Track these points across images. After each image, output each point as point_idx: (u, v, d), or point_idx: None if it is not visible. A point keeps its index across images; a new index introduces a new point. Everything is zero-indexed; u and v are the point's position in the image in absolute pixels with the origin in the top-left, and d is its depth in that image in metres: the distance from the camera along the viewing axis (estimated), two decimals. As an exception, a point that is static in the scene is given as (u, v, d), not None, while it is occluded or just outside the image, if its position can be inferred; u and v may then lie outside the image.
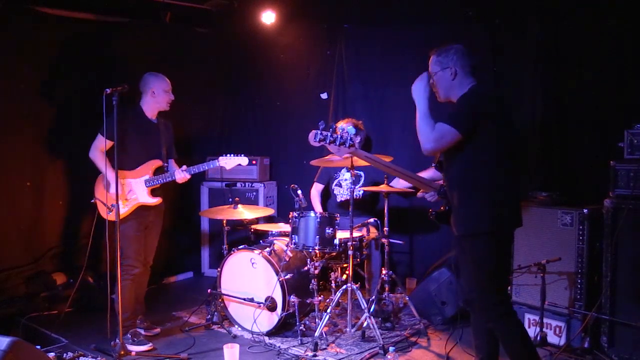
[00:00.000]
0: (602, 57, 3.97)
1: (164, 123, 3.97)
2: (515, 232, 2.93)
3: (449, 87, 2.80)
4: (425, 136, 2.68)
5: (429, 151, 2.69)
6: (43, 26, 4.51)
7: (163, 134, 3.90)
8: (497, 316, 2.71)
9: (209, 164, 3.84)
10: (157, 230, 3.98)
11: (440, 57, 2.80)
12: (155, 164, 3.83)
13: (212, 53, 5.77)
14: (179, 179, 3.77)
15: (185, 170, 3.77)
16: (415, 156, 4.92)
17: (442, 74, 2.79)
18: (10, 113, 4.35)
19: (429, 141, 2.67)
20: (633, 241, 3.31)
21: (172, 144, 4.02)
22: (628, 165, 3.34)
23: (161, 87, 3.82)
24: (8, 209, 4.38)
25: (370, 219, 4.27)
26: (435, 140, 2.65)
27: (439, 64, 2.79)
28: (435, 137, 2.65)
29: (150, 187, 3.76)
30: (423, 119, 2.73)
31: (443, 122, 2.65)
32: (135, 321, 3.83)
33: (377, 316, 3.97)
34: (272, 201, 5.71)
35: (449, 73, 2.77)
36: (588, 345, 3.49)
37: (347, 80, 5.28)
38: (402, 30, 4.98)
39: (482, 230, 2.68)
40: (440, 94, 2.85)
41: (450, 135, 2.63)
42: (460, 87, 2.76)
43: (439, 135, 2.64)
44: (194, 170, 3.79)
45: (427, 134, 2.68)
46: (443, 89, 2.82)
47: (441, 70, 2.79)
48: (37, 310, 4.21)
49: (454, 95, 2.79)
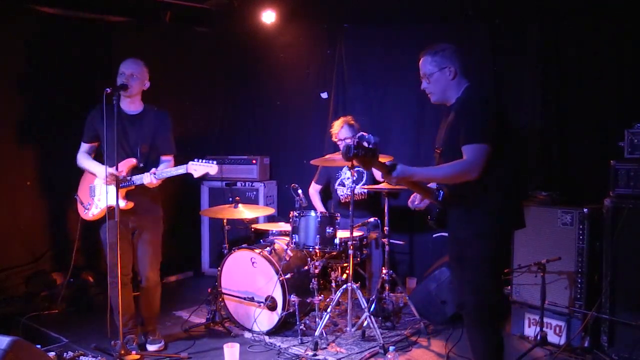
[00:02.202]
0: (602, 57, 3.97)
1: (155, 114, 3.56)
2: (516, 232, 2.93)
3: (447, 87, 2.69)
4: (463, 173, 2.49)
5: (478, 175, 2.47)
6: (43, 26, 4.52)
7: (147, 127, 3.50)
8: (489, 318, 2.65)
9: (178, 169, 3.35)
10: (147, 239, 3.57)
11: (436, 57, 2.69)
12: (130, 163, 3.44)
13: (212, 53, 5.78)
14: (147, 182, 3.36)
15: (153, 173, 3.35)
16: (414, 156, 4.94)
17: (440, 75, 2.68)
18: (10, 113, 4.35)
19: (470, 173, 2.47)
20: (633, 241, 3.31)
21: (166, 138, 3.59)
22: (628, 165, 3.34)
23: (118, 73, 3.44)
24: (8, 209, 4.38)
25: (370, 219, 4.28)
26: (475, 168, 2.46)
27: (436, 64, 2.68)
28: (472, 166, 2.47)
29: (122, 188, 3.37)
30: (443, 171, 2.54)
31: (467, 144, 2.49)
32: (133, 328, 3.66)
33: (377, 315, 3.97)
34: (272, 200, 5.71)
35: (447, 73, 2.67)
36: (588, 345, 3.49)
37: (347, 80, 5.28)
38: (402, 30, 4.98)
39: (485, 232, 2.60)
40: (436, 96, 2.74)
41: (483, 155, 2.47)
42: (457, 87, 2.68)
43: (474, 160, 2.46)
44: (163, 175, 3.36)
45: (462, 171, 2.49)
46: (440, 90, 2.71)
47: (439, 71, 2.68)
48: (37, 310, 4.21)
49: (451, 96, 2.70)
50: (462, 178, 2.50)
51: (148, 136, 3.50)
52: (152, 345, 3.65)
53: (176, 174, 3.35)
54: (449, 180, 2.56)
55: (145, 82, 3.53)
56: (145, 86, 3.54)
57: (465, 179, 2.49)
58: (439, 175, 2.58)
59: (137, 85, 3.45)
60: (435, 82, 2.71)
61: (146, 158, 3.51)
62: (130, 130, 3.49)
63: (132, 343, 3.56)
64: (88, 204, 3.55)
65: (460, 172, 2.49)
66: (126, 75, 3.42)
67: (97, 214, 3.51)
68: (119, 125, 3.38)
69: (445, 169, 2.54)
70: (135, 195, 3.46)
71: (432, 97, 2.76)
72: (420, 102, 4.78)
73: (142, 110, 3.57)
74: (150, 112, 3.56)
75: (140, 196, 3.49)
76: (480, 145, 2.48)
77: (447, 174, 2.53)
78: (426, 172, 2.59)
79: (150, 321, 3.75)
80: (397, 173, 2.45)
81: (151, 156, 3.55)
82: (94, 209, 3.52)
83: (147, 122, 3.52)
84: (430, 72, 2.70)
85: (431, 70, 2.70)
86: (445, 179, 2.57)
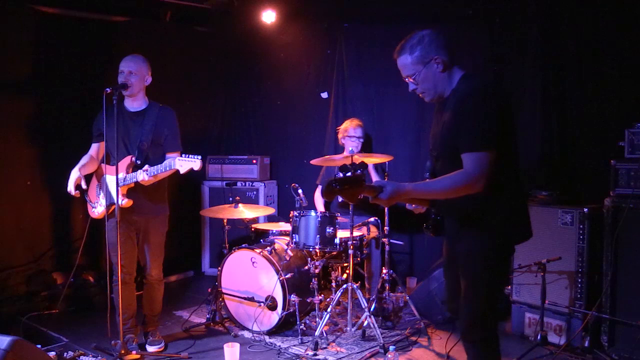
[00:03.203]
0: (602, 56, 3.97)
1: (158, 110, 3.51)
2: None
3: (439, 81, 2.34)
4: (465, 187, 2.19)
5: (482, 187, 2.18)
6: (43, 25, 4.52)
7: (148, 123, 3.45)
8: (485, 332, 2.39)
9: (167, 165, 3.25)
10: (151, 237, 3.57)
11: (415, 52, 2.31)
12: (127, 161, 3.41)
13: (212, 53, 5.78)
14: (140, 180, 3.30)
15: (145, 171, 3.28)
16: (414, 155, 4.94)
17: (426, 71, 2.32)
18: (10, 112, 4.35)
19: (473, 187, 2.17)
20: (633, 240, 3.31)
21: (170, 135, 3.52)
22: (628, 165, 3.34)
23: (119, 72, 3.42)
24: (8, 209, 4.38)
25: (370, 218, 4.28)
26: (478, 181, 2.16)
27: (419, 60, 2.32)
28: (474, 179, 2.16)
29: (121, 186, 3.33)
30: (442, 185, 2.22)
31: (467, 152, 2.19)
32: (133, 327, 3.67)
33: (377, 315, 3.97)
34: (272, 200, 5.71)
35: (434, 66, 2.31)
36: (588, 345, 3.49)
37: (347, 80, 5.28)
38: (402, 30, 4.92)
39: (490, 247, 2.32)
40: (430, 94, 2.40)
41: (487, 164, 2.16)
42: (450, 78, 2.34)
43: (477, 172, 2.16)
44: (154, 172, 3.28)
45: (463, 184, 2.18)
46: (432, 87, 2.36)
47: (425, 67, 2.31)
48: (38, 309, 4.21)
49: (445, 90, 2.36)
50: (464, 192, 2.20)
51: (149, 133, 3.45)
52: (152, 346, 3.65)
53: (166, 171, 3.28)
54: (449, 195, 2.25)
55: (147, 78, 3.50)
56: (147, 82, 3.51)
57: (467, 192, 2.20)
58: (437, 189, 2.24)
59: (137, 82, 3.43)
60: (423, 80, 2.35)
61: (146, 155, 3.46)
62: (132, 127, 3.47)
63: (132, 342, 3.56)
64: (95, 203, 3.57)
65: (462, 186, 2.19)
66: (125, 74, 3.41)
67: (101, 213, 3.53)
68: (121, 123, 3.39)
69: (444, 183, 2.22)
70: (141, 193, 3.44)
71: (426, 97, 2.42)
72: (421, 101, 4.68)
73: (146, 106, 3.53)
74: (153, 109, 3.52)
75: (147, 195, 3.47)
76: (483, 154, 2.16)
77: (447, 188, 2.21)
78: (422, 188, 2.27)
79: (151, 320, 3.76)
80: (386, 194, 2.15)
81: (156, 153, 3.49)
82: (99, 207, 3.54)
83: (148, 119, 3.47)
84: (415, 71, 2.34)
85: (416, 70, 2.34)
86: (445, 194, 2.25)
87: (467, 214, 2.33)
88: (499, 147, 2.19)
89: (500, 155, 2.19)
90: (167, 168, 3.25)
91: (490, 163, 2.17)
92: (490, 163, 2.17)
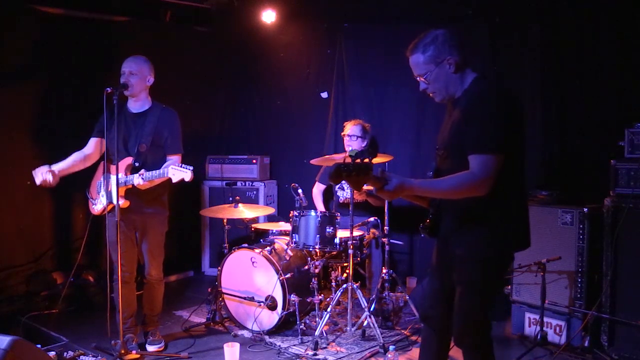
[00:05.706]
0: (602, 56, 3.97)
1: (160, 111, 3.50)
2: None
3: (450, 82, 2.30)
4: (470, 189, 2.14)
5: (487, 190, 2.13)
6: (43, 25, 4.52)
7: (149, 125, 3.43)
8: (478, 338, 2.36)
9: (161, 172, 3.24)
10: (150, 237, 3.57)
11: (428, 51, 2.28)
12: (127, 162, 3.42)
13: (212, 53, 5.78)
14: (136, 184, 3.29)
15: (140, 175, 3.27)
16: (415, 156, 4.94)
17: (438, 71, 2.28)
18: (10, 112, 4.35)
19: (478, 190, 2.13)
20: (633, 240, 3.31)
21: (171, 137, 3.50)
22: (628, 164, 3.34)
23: (120, 72, 3.43)
24: (8, 209, 4.38)
25: (370, 218, 4.28)
26: (484, 184, 2.12)
27: (431, 59, 2.28)
28: (480, 182, 2.12)
29: (121, 187, 3.32)
30: (447, 185, 2.17)
31: (474, 153, 2.14)
32: (133, 327, 3.66)
33: (377, 315, 3.97)
34: (272, 200, 5.71)
35: (447, 66, 2.27)
36: (588, 344, 3.50)
37: (347, 80, 5.28)
38: (402, 30, 4.97)
39: (489, 256, 2.27)
40: (441, 94, 2.35)
41: (494, 167, 2.12)
42: (462, 79, 2.31)
43: (483, 175, 2.11)
44: (149, 177, 3.26)
45: (469, 186, 2.14)
46: (443, 87, 2.32)
47: (437, 67, 2.28)
48: (38, 309, 4.21)
49: (457, 90, 2.32)
50: (468, 193, 2.16)
51: (149, 134, 3.43)
52: (151, 345, 3.65)
53: (160, 177, 3.25)
54: (453, 195, 2.21)
55: (148, 79, 3.48)
56: (149, 82, 3.49)
57: (471, 194, 2.15)
58: (442, 188, 2.20)
59: (137, 82, 3.42)
60: (435, 80, 2.31)
61: (145, 157, 3.44)
62: (133, 128, 3.47)
63: (131, 342, 3.56)
64: (95, 200, 3.58)
65: (467, 188, 2.14)
66: (126, 74, 3.41)
67: (100, 210, 3.54)
68: (123, 124, 3.38)
69: (449, 183, 2.17)
70: (140, 193, 3.40)
71: (437, 97, 2.38)
72: (421, 101, 4.78)
73: (148, 108, 3.52)
74: (155, 110, 3.50)
75: (146, 194, 3.44)
76: (491, 157, 2.12)
77: (451, 188, 2.17)
78: (427, 185, 2.23)
79: (151, 320, 3.76)
80: (391, 187, 2.11)
81: (156, 155, 3.47)
82: (98, 205, 3.55)
83: (149, 120, 3.45)
84: (427, 71, 2.30)
85: (427, 69, 2.30)
86: (449, 194, 2.21)
87: (467, 216, 2.29)
88: (507, 153, 2.15)
89: (508, 161, 2.15)
90: (161, 175, 3.24)
91: (496, 166, 2.12)
92: (497, 167, 2.12)
